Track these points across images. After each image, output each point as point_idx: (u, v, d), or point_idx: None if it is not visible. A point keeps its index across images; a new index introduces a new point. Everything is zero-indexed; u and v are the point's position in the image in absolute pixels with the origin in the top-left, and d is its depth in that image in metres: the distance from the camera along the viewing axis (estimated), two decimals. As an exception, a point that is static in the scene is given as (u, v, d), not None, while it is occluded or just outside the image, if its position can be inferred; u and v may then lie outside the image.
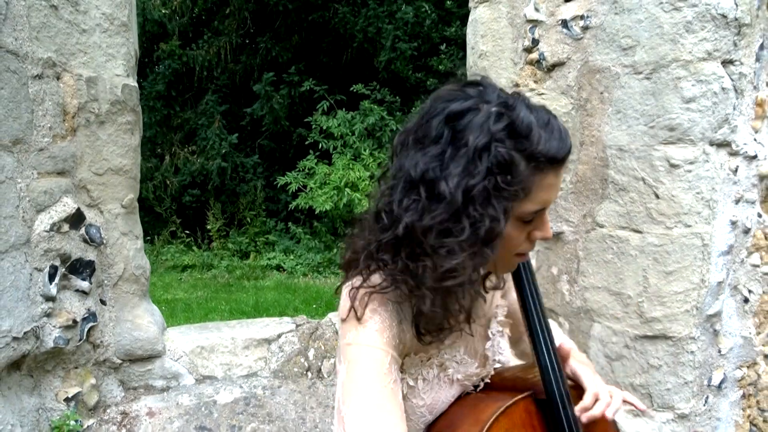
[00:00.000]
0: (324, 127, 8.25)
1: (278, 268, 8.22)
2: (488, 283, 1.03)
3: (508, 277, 1.14)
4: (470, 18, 2.35)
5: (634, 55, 1.88)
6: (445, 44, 8.35)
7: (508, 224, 0.88)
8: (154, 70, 9.22)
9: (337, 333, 2.31)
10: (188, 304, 6.28)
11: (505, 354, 1.12)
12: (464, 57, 7.74)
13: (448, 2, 8.29)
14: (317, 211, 7.94)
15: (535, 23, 2.11)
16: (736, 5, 1.80)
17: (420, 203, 0.86)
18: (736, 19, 1.81)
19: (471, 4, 2.34)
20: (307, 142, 8.50)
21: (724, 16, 1.80)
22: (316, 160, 8.34)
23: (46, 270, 1.70)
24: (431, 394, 1.01)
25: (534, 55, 2.13)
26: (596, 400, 1.00)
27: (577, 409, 1.00)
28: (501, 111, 0.86)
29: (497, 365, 1.11)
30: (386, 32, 8.04)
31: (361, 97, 8.29)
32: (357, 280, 0.92)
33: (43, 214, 1.69)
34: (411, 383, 1.00)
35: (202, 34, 9.35)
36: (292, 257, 8.38)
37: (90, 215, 1.88)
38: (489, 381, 1.08)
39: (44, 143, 1.69)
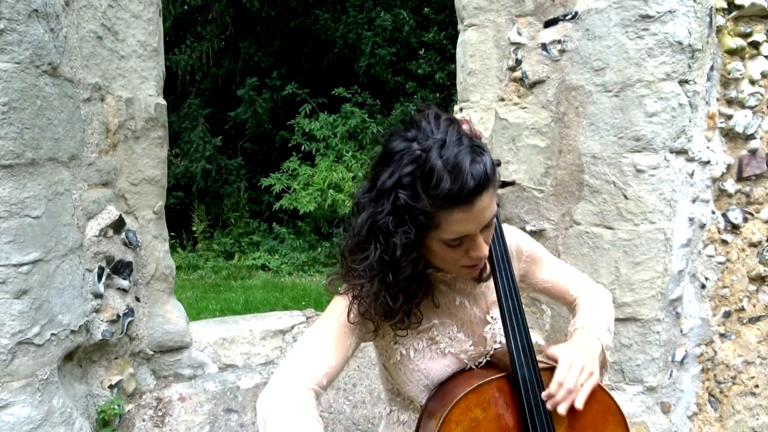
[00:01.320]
0: (306, 130, 8.47)
1: (264, 267, 8.41)
2: (460, 284, 1.22)
3: (538, 269, 1.32)
4: (459, 39, 2.61)
5: (604, 76, 2.17)
6: (423, 49, 8.62)
7: (436, 245, 1.05)
8: (136, 75, 9.30)
9: (344, 324, 2.53)
10: (179, 304, 6.44)
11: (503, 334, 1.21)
12: (441, 61, 7.96)
13: (426, 9, 8.56)
14: (301, 212, 8.16)
15: (518, 45, 2.39)
16: (690, 34, 2.10)
17: (351, 225, 1.09)
18: (690, 46, 2.11)
19: (460, 27, 2.61)
20: (290, 145, 8.70)
21: (680, 43, 2.10)
22: (299, 162, 8.56)
23: (95, 270, 1.91)
24: (424, 362, 1.20)
25: (517, 74, 2.41)
26: (561, 387, 1.08)
27: (543, 394, 1.09)
28: (417, 155, 1.00)
29: (498, 346, 1.23)
30: (366, 39, 8.29)
31: (342, 100, 8.53)
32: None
33: (92, 221, 1.91)
34: (403, 352, 1.20)
35: (184, 39, 9.48)
36: (276, 257, 8.57)
37: (127, 221, 2.09)
38: (491, 359, 1.22)
39: (92, 158, 1.91)
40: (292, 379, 1.08)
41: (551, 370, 1.13)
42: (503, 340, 1.20)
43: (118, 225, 2.00)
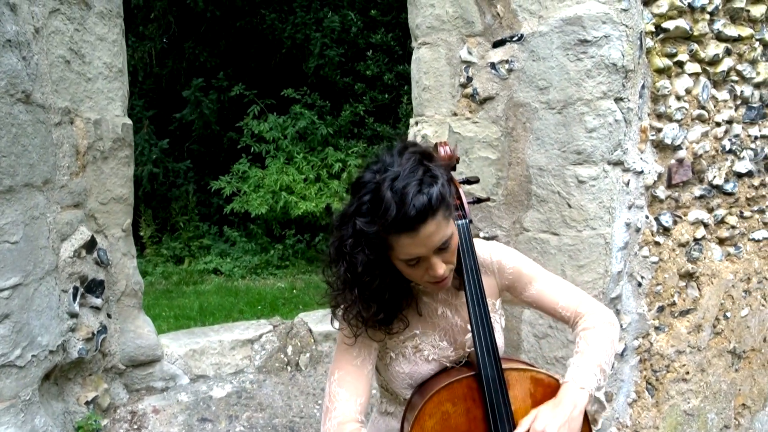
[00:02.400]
0: (255, 131, 8.44)
1: (216, 271, 8.35)
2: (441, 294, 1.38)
3: (523, 284, 1.45)
4: (414, 56, 2.76)
5: (548, 94, 2.36)
6: (371, 50, 8.75)
7: (399, 264, 1.22)
8: (76, 76, 9.02)
9: (310, 331, 2.65)
10: (131, 312, 6.34)
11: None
12: (390, 62, 8.09)
13: (373, 11, 8.68)
14: (253, 215, 8.14)
15: (468, 64, 2.55)
16: (623, 56, 2.31)
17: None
18: (624, 67, 2.33)
19: (414, 45, 2.76)
20: (239, 146, 8.66)
21: (615, 65, 2.31)
22: (248, 164, 8.53)
23: (70, 291, 1.96)
24: (409, 366, 1.38)
25: (468, 90, 2.57)
26: None
27: None
28: (371, 188, 1.17)
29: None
30: (314, 39, 8.33)
31: (290, 101, 8.55)
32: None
33: (66, 243, 1.95)
34: (393, 356, 1.39)
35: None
36: (228, 260, 8.52)
37: (98, 240, 2.14)
38: (468, 359, 1.40)
39: (64, 181, 1.95)
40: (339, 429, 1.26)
41: (517, 371, 1.31)
42: None
43: (90, 245, 2.05)
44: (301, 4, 8.64)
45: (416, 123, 2.81)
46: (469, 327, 1.35)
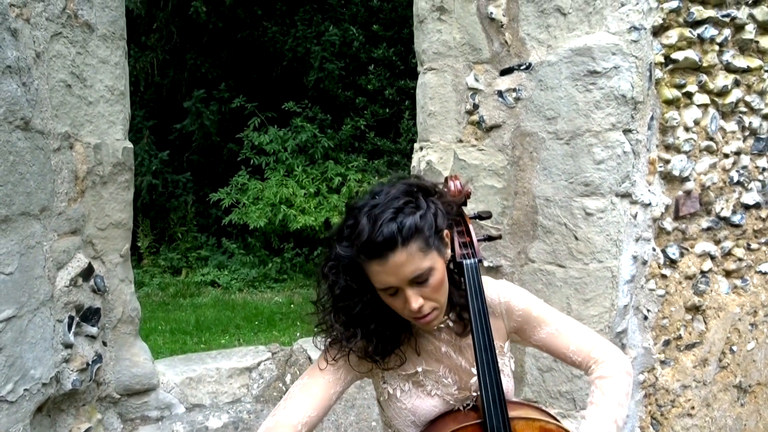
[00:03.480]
0: (256, 143, 8.42)
1: (213, 283, 8.29)
2: (444, 334, 1.35)
3: (532, 327, 1.39)
4: (419, 81, 2.73)
5: (556, 125, 2.33)
6: (373, 65, 8.74)
7: (379, 293, 1.21)
8: (77, 85, 9.00)
9: (309, 359, 2.61)
10: (126, 325, 6.27)
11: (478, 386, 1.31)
12: (391, 77, 8.09)
13: (375, 26, 8.69)
14: (251, 227, 8.10)
15: (475, 91, 2.52)
16: (633, 87, 2.29)
17: None
18: (633, 98, 2.30)
19: (420, 69, 2.73)
20: (239, 159, 8.63)
21: (624, 96, 2.28)
22: (248, 176, 8.50)
23: (65, 320, 1.91)
24: (411, 401, 1.35)
25: (475, 117, 2.54)
26: None
27: None
28: (354, 213, 1.20)
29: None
30: (314, 53, 8.33)
31: (291, 114, 8.54)
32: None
33: (62, 271, 1.90)
34: (390, 392, 1.36)
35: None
36: (226, 272, 8.47)
37: (95, 266, 2.09)
38: (476, 403, 1.34)
39: (62, 207, 1.90)
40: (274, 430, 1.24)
41: (525, 420, 1.27)
42: None
43: (87, 272, 2.00)
44: (303, 17, 8.64)
45: (421, 148, 2.77)
46: (473, 371, 1.32)
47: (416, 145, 2.83)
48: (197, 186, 9.43)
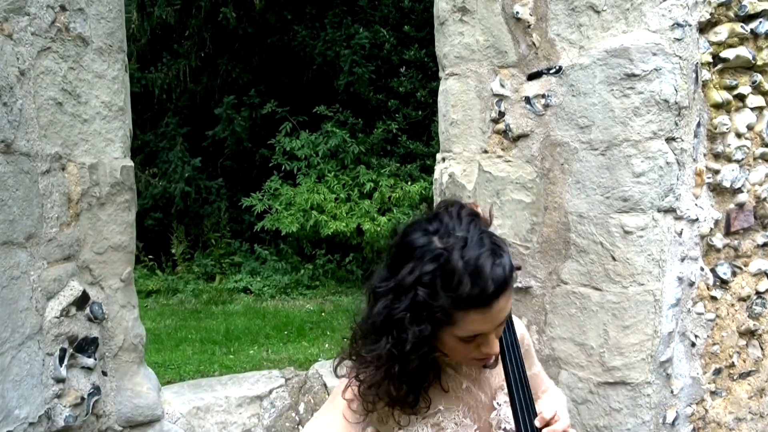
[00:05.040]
0: (287, 148, 8.35)
1: (246, 290, 8.25)
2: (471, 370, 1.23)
3: (529, 363, 1.31)
4: (441, 88, 2.54)
5: (590, 134, 2.11)
6: (404, 67, 8.57)
7: (450, 339, 1.07)
8: (112, 94, 9.12)
9: (324, 386, 2.45)
10: (157, 334, 6.27)
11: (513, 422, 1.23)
12: (423, 79, 7.90)
13: (406, 27, 8.51)
14: (283, 233, 8.03)
15: (501, 97, 2.32)
16: (676, 91, 2.05)
17: (364, 313, 1.13)
18: (677, 103, 2.06)
19: (441, 75, 2.54)
20: (270, 164, 8.58)
21: (667, 101, 2.04)
22: (280, 182, 8.43)
23: (57, 354, 1.80)
24: None
25: (501, 126, 2.33)
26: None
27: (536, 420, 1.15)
28: (439, 253, 1.03)
29: None
30: (344, 57, 8.20)
31: (323, 117, 8.43)
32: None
33: (53, 301, 1.79)
34: None
35: (160, 57, 9.31)
36: (258, 279, 8.42)
37: (92, 293, 1.98)
38: None
39: (53, 233, 1.79)
40: None
41: None
42: (508, 427, 1.21)
43: (82, 301, 1.89)
44: (332, 20, 8.52)
45: (443, 159, 2.58)
46: (494, 404, 1.24)
47: (438, 156, 2.64)
48: (231, 192, 9.43)
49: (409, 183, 7.87)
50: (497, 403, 1.24)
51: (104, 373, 2.04)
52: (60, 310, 1.79)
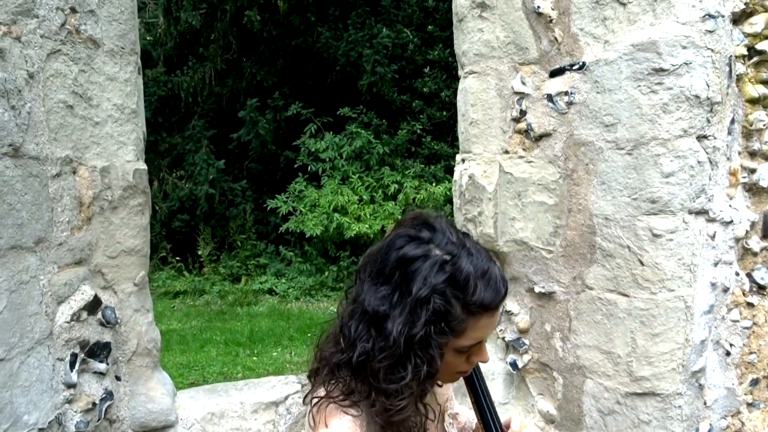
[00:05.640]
0: (312, 150, 8.36)
1: (271, 291, 8.28)
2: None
3: None
4: (460, 86, 2.47)
5: (616, 132, 2.01)
6: (428, 67, 8.49)
7: (450, 353, 1.03)
8: (140, 98, 9.26)
9: (341, 392, 2.39)
10: (183, 335, 6.32)
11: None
12: (448, 79, 7.81)
13: (430, 27, 8.43)
14: (308, 235, 8.03)
15: (522, 95, 2.24)
16: (708, 86, 1.94)
17: (371, 336, 1.00)
18: (709, 99, 1.95)
19: (461, 73, 2.46)
20: (295, 165, 8.59)
21: (698, 97, 1.93)
22: (305, 183, 8.44)
23: (67, 359, 1.78)
24: None
25: (522, 125, 2.25)
26: None
27: None
28: (445, 261, 0.99)
29: None
30: (366, 57, 8.17)
31: (347, 119, 8.41)
32: (320, 391, 1.04)
33: (63, 306, 1.77)
34: None
35: (187, 60, 9.42)
36: (283, 280, 8.44)
37: (105, 297, 1.96)
38: None
39: (63, 237, 1.77)
40: None
41: None
42: None
43: (93, 306, 1.87)
44: (355, 21, 8.49)
45: (463, 160, 2.51)
46: (446, 426, 1.24)
47: (458, 157, 2.57)
48: (256, 194, 9.48)
49: (434, 184, 7.79)
50: (446, 425, 1.24)
51: (117, 378, 2.02)
52: (71, 315, 1.76)
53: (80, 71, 1.84)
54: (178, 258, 9.07)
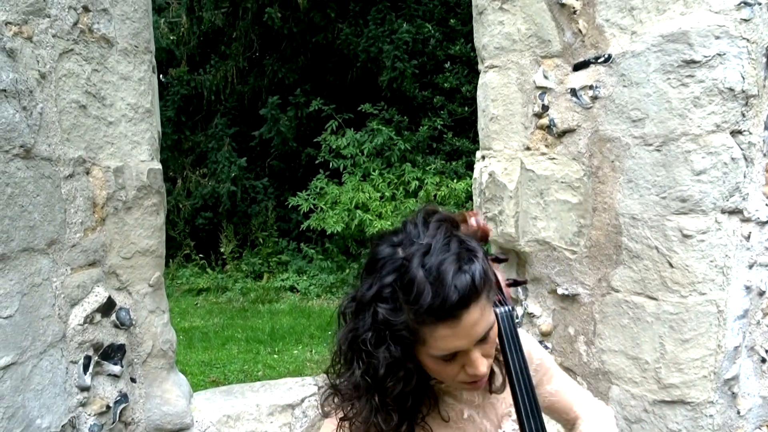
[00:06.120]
0: (333, 147, 8.33)
1: (292, 289, 8.29)
2: (467, 394, 1.10)
3: (547, 379, 1.21)
4: (480, 81, 2.40)
5: (643, 127, 1.92)
6: (449, 62, 8.39)
7: (428, 360, 0.96)
8: (163, 96, 9.34)
9: (359, 394, 2.34)
10: (205, 332, 6.36)
11: None
12: (470, 74, 7.70)
13: (452, 21, 8.32)
14: (329, 232, 8.01)
15: (544, 90, 2.16)
16: (743, 78, 1.84)
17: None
18: (744, 91, 1.85)
19: (481, 68, 2.39)
20: (317, 162, 8.58)
21: (732, 90, 1.84)
22: (326, 180, 8.42)
23: (81, 361, 1.76)
24: None
25: (544, 121, 2.17)
26: None
27: None
28: (396, 265, 0.93)
29: None
30: (387, 52, 8.09)
31: (368, 115, 8.36)
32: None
33: (76, 308, 1.75)
34: None
35: (209, 59, 9.46)
36: (305, 278, 8.44)
37: (119, 298, 1.94)
38: None
39: (76, 239, 1.76)
40: None
41: None
42: None
43: (107, 308, 1.85)
44: (376, 16, 8.42)
45: (483, 157, 2.44)
46: None
47: (478, 154, 2.50)
48: (278, 191, 9.50)
49: (455, 181, 7.71)
50: (502, 431, 1.14)
51: (133, 380, 2.01)
52: (84, 317, 1.75)
53: (93, 71, 1.82)
54: (201, 255, 9.14)
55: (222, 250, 9.07)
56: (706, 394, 1.94)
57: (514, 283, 1.34)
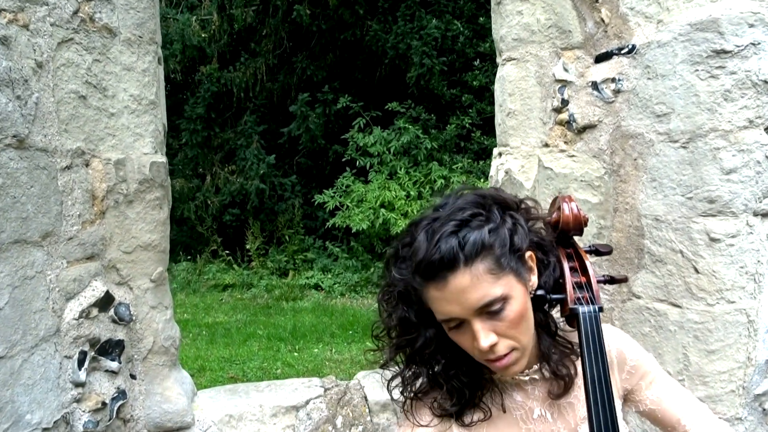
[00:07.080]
0: (360, 144, 8.28)
1: (317, 287, 8.27)
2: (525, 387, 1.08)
3: (646, 384, 1.12)
4: (498, 75, 2.29)
5: (669, 123, 1.80)
6: (478, 60, 8.24)
7: (445, 328, 0.99)
8: (195, 93, 9.43)
9: (365, 398, 2.28)
10: (228, 328, 6.37)
11: None
12: (499, 73, 7.44)
13: (481, 18, 8.18)
14: (354, 230, 7.96)
15: (564, 83, 2.05)
16: (780, 70, 1.70)
17: None
18: (780, 85, 1.71)
19: (498, 61, 2.29)
20: (343, 159, 8.54)
21: (766, 82, 1.70)
22: (353, 178, 8.37)
23: (75, 357, 1.73)
24: None
25: (563, 116, 2.06)
26: None
27: None
28: (410, 228, 1.00)
29: None
30: (415, 48, 8.00)
31: (395, 114, 8.28)
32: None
33: (72, 302, 1.72)
34: None
35: (239, 56, 9.51)
36: (329, 276, 8.42)
37: (119, 293, 1.91)
38: None
39: (73, 232, 1.72)
40: None
41: None
42: None
43: (105, 302, 1.81)
44: (405, 13, 8.33)
45: (499, 154, 2.33)
46: None
47: (495, 151, 2.39)
48: (305, 189, 9.50)
49: (482, 180, 7.56)
50: None
51: (132, 377, 1.97)
52: (80, 312, 1.71)
53: (94, 61, 1.78)
54: (227, 251, 9.20)
55: (248, 246, 9.12)
56: (734, 410, 1.80)
57: (611, 280, 1.22)
